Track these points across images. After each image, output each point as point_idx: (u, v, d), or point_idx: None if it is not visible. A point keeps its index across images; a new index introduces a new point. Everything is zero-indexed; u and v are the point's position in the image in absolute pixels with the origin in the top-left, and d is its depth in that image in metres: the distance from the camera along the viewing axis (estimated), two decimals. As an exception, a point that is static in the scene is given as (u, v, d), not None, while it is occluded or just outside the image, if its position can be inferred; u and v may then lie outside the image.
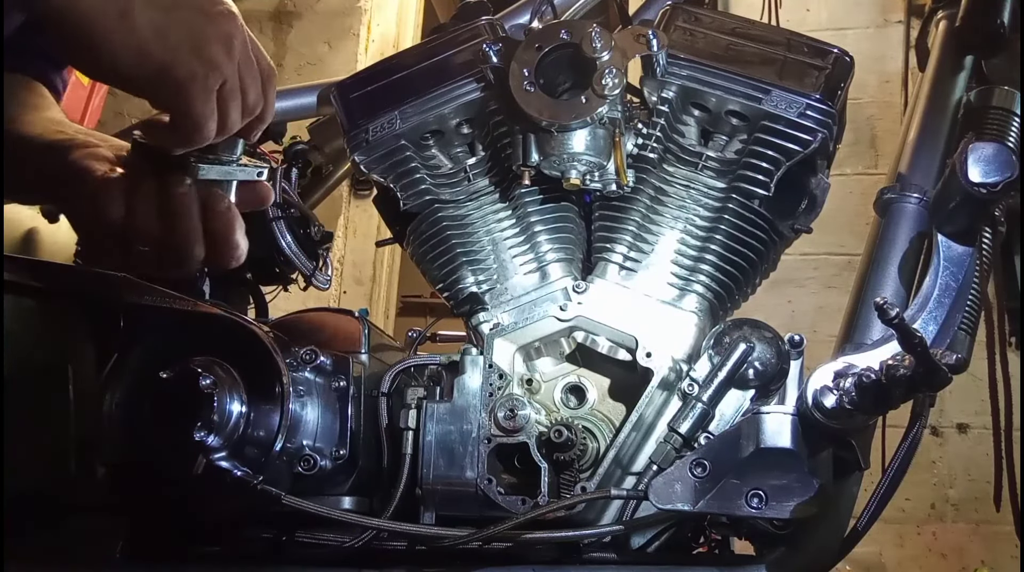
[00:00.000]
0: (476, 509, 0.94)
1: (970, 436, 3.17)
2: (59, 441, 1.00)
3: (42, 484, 1.00)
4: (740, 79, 0.99)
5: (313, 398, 0.95)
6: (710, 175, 1.03)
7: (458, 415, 0.96)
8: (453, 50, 1.08)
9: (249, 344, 0.93)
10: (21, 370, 0.99)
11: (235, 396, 0.89)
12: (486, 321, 1.03)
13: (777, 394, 0.94)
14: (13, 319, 0.99)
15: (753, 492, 0.86)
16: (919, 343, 0.74)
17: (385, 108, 1.07)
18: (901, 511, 3.05)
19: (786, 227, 1.03)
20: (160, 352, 0.93)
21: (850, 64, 1.01)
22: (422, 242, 1.08)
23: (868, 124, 3.49)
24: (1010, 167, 0.89)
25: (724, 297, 1.02)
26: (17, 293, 1.01)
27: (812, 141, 0.98)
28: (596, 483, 0.92)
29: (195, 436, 0.86)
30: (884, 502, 0.91)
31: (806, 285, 3.37)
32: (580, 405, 1.01)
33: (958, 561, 3.08)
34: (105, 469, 0.93)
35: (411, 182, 1.08)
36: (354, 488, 0.98)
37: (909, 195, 1.10)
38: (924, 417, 0.94)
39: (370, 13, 3.94)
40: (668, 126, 1.03)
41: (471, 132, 1.09)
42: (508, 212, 1.07)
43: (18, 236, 1.33)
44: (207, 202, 0.92)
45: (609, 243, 1.03)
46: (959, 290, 0.94)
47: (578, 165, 0.98)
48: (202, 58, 0.83)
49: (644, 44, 0.97)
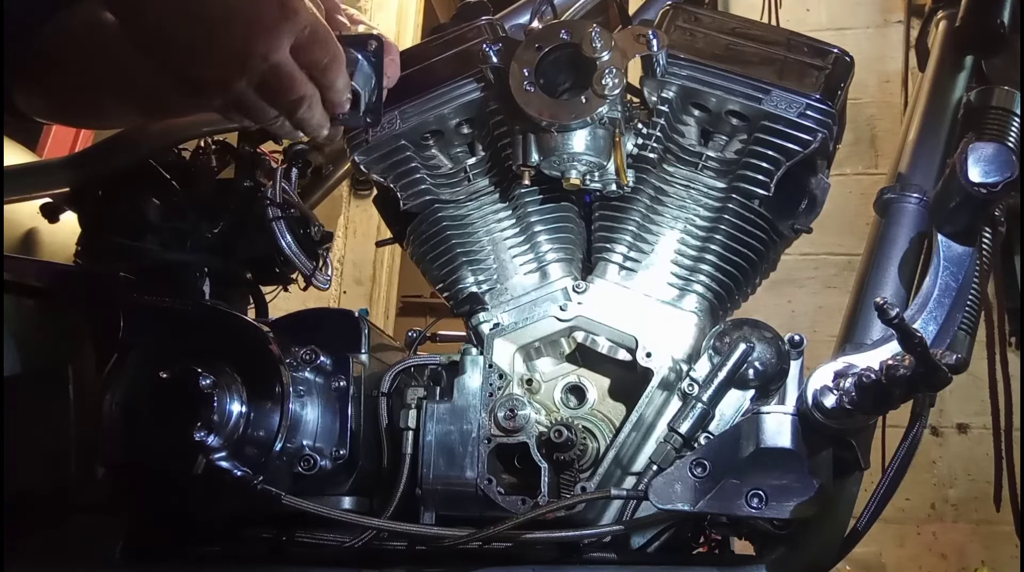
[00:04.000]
0: (476, 509, 0.94)
1: (970, 436, 3.17)
2: (59, 441, 1.00)
3: (42, 484, 1.00)
4: (740, 79, 0.99)
5: (313, 398, 0.95)
6: (710, 175, 1.03)
7: (458, 415, 0.96)
8: (453, 50, 1.08)
9: (249, 344, 0.93)
10: (21, 370, 0.99)
11: (235, 396, 0.89)
12: (486, 321, 1.03)
13: (777, 394, 0.94)
14: (13, 319, 0.99)
15: (753, 492, 0.86)
16: (919, 343, 0.74)
17: (385, 108, 1.07)
18: (901, 511, 3.05)
19: (786, 227, 1.03)
20: (160, 352, 0.93)
21: (850, 64, 1.01)
22: (422, 242, 1.08)
23: (868, 124, 3.48)
24: (1010, 167, 0.89)
25: (724, 297, 1.02)
26: (17, 293, 1.01)
27: (812, 141, 0.98)
28: (596, 483, 0.92)
29: (195, 436, 0.86)
30: (884, 502, 0.91)
31: (806, 285, 3.36)
32: (580, 405, 1.01)
33: (958, 561, 3.08)
34: (105, 469, 0.93)
35: (411, 182, 1.08)
36: (354, 488, 0.98)
37: (909, 195, 1.09)
38: (924, 417, 0.93)
39: (370, 13, 3.93)
40: (668, 126, 1.03)
41: (471, 132, 1.09)
42: (508, 212, 1.07)
43: (18, 236, 1.33)
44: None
45: (609, 243, 1.03)
46: (959, 290, 0.94)
47: (578, 165, 0.98)
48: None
49: (644, 44, 0.97)
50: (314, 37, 0.83)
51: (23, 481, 0.97)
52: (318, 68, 0.85)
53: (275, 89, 0.83)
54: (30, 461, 0.98)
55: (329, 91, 0.87)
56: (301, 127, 0.89)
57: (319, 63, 0.84)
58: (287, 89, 0.83)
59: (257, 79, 0.81)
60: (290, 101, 0.85)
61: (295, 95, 0.84)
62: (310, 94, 0.85)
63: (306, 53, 0.83)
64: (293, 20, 0.81)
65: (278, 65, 0.81)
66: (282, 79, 0.82)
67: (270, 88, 0.83)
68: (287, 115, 0.87)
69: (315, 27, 0.83)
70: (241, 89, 0.82)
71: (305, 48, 0.82)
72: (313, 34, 0.83)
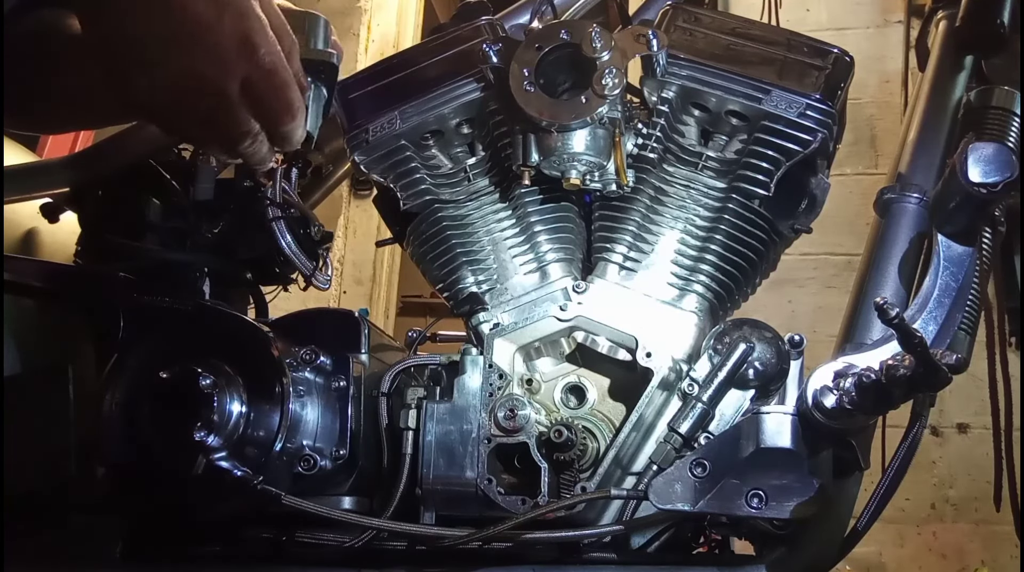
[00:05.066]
0: (476, 509, 0.94)
1: (970, 436, 3.17)
2: (59, 441, 1.00)
3: (42, 484, 1.00)
4: (740, 79, 0.99)
5: (313, 398, 0.95)
6: (710, 175, 1.03)
7: (458, 415, 0.96)
8: (453, 50, 1.08)
9: (249, 344, 0.93)
10: (21, 370, 0.99)
11: (235, 396, 0.89)
12: (486, 321, 1.03)
13: (777, 394, 0.94)
14: (13, 319, 0.99)
15: (753, 492, 0.86)
16: (919, 343, 0.74)
17: (385, 108, 1.07)
18: (901, 511, 3.05)
19: (786, 227, 1.03)
20: (160, 352, 0.93)
21: (850, 64, 1.01)
22: (422, 242, 1.08)
23: (868, 124, 3.48)
24: (1010, 167, 0.89)
25: (724, 297, 1.02)
26: (17, 293, 1.01)
27: (812, 141, 0.98)
28: (596, 483, 0.92)
29: (195, 436, 0.86)
30: (884, 502, 0.91)
31: (806, 285, 3.36)
32: (580, 405, 1.01)
33: (958, 561, 3.08)
34: (105, 469, 0.93)
35: (411, 182, 1.08)
36: (354, 488, 0.98)
37: (909, 195, 1.09)
38: (924, 417, 0.94)
39: (370, 13, 3.93)
40: (668, 126, 1.03)
41: (471, 132, 1.09)
42: (508, 212, 1.07)
43: (18, 236, 1.33)
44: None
45: (609, 243, 1.03)
46: (959, 290, 0.94)
47: (578, 165, 0.98)
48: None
49: (644, 44, 0.97)
50: (270, 81, 0.80)
51: (23, 481, 0.97)
52: (270, 114, 0.82)
53: (218, 122, 0.81)
54: (30, 461, 0.98)
55: (276, 133, 0.85)
56: (243, 158, 0.87)
57: (271, 109, 0.82)
58: (230, 124, 0.81)
59: (201, 109, 0.79)
60: (230, 137, 0.82)
61: (237, 131, 0.82)
62: (255, 132, 0.83)
63: (259, 94, 0.80)
64: (249, 60, 0.78)
65: (224, 99, 0.79)
66: (228, 114, 0.80)
67: (214, 121, 0.81)
68: (226, 148, 0.85)
69: (273, 70, 0.80)
70: (180, 113, 0.80)
71: (259, 88, 0.80)
72: (270, 77, 0.80)
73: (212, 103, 0.79)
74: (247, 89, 0.79)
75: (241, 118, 0.81)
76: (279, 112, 0.82)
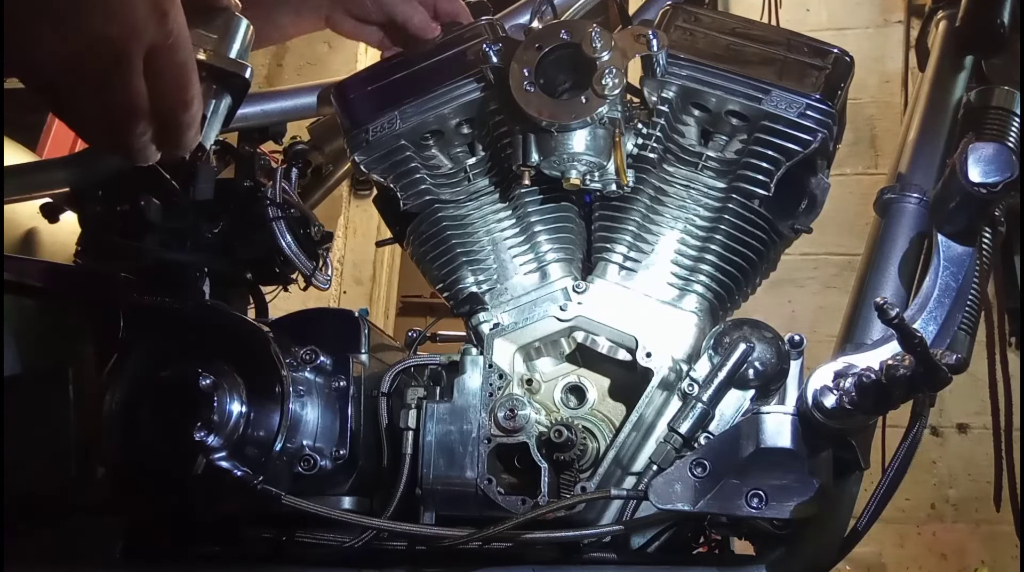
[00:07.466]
0: (476, 509, 0.94)
1: (970, 436, 3.17)
2: (59, 441, 1.00)
3: (42, 484, 1.00)
4: (740, 79, 0.99)
5: (313, 398, 0.95)
6: (710, 175, 1.03)
7: (458, 415, 0.96)
8: (453, 50, 1.08)
9: (249, 344, 0.93)
10: (21, 370, 0.99)
11: (235, 396, 0.89)
12: (486, 321, 1.03)
13: (777, 394, 0.94)
14: (13, 319, 0.99)
15: (753, 492, 0.86)
16: (919, 343, 0.74)
17: (385, 108, 1.07)
18: (901, 511, 3.05)
19: (786, 227, 1.03)
20: (160, 352, 0.94)
21: (850, 64, 1.01)
22: (422, 242, 1.08)
23: (868, 124, 3.49)
24: (1010, 167, 0.89)
25: (724, 297, 1.02)
26: (17, 293, 1.01)
27: (812, 141, 0.98)
28: (596, 483, 0.92)
29: (195, 436, 0.86)
30: (884, 502, 0.91)
31: (806, 285, 3.37)
32: (580, 405, 1.01)
33: (958, 561, 3.08)
34: (105, 469, 0.93)
35: (411, 182, 1.08)
36: (354, 488, 0.98)
37: (909, 195, 1.09)
38: (924, 417, 0.93)
39: (370, 13, 3.93)
40: (668, 126, 1.03)
41: (471, 132, 1.09)
42: (508, 212, 1.07)
43: (18, 236, 1.33)
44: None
45: (609, 243, 1.03)
46: (959, 290, 0.94)
47: (578, 165, 0.98)
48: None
49: (644, 44, 0.97)
50: (172, 57, 0.71)
51: (23, 481, 0.97)
52: (165, 95, 0.73)
53: (113, 90, 0.70)
54: (30, 461, 0.98)
55: (167, 124, 0.75)
56: (124, 150, 0.76)
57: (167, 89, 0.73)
58: (125, 95, 0.71)
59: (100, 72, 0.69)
60: (121, 113, 0.72)
61: (130, 105, 0.72)
62: (145, 111, 0.73)
63: (159, 68, 0.71)
64: (158, 25, 0.69)
65: (126, 63, 0.69)
66: (125, 82, 0.70)
67: (110, 89, 0.70)
68: (110, 131, 0.74)
69: (176, 44, 0.71)
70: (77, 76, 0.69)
71: (160, 60, 0.71)
72: (173, 51, 0.71)
73: (112, 66, 0.69)
74: (148, 60, 0.71)
75: (137, 89, 0.71)
76: (175, 92, 0.73)
